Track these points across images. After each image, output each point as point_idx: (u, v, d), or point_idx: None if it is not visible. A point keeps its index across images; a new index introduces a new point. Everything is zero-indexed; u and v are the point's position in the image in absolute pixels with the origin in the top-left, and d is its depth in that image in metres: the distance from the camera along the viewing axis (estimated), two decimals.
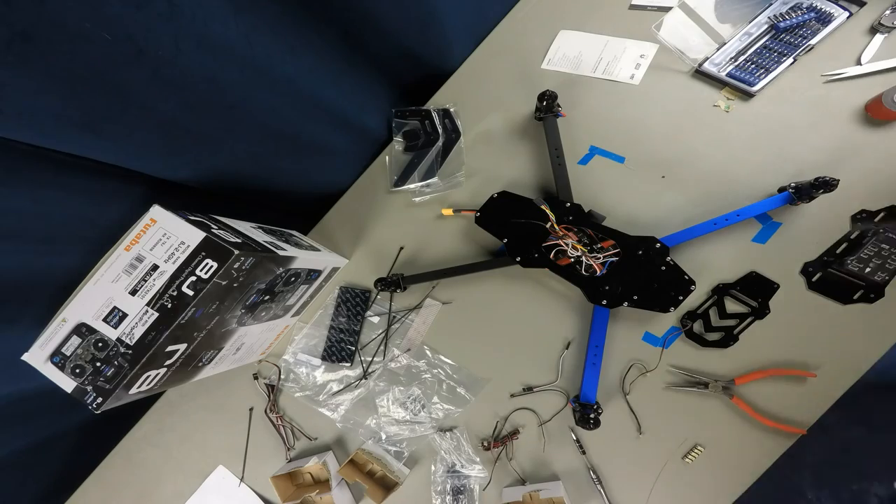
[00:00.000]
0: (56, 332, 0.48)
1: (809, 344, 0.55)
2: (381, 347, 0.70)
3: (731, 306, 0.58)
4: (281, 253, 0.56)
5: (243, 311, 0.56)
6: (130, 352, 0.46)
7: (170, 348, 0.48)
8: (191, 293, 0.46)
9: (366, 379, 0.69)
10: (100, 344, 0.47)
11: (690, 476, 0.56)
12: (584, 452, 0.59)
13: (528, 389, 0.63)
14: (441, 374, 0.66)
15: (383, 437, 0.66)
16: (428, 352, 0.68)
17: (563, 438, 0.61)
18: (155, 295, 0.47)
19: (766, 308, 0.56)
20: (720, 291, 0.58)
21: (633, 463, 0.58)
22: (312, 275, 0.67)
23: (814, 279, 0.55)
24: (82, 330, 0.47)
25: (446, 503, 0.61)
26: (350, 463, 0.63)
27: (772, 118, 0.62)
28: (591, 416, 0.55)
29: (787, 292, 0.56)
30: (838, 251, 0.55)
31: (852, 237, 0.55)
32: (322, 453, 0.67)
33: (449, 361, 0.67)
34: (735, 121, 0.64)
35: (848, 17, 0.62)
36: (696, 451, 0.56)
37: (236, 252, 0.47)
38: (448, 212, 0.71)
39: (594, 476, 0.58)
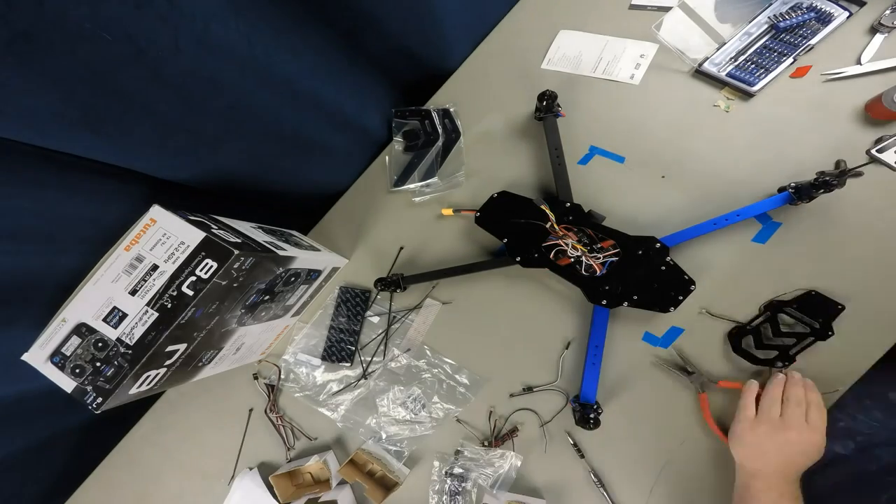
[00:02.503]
0: (56, 332, 0.48)
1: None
2: (381, 347, 0.70)
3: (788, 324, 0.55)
4: (281, 253, 0.56)
5: (243, 311, 0.56)
6: (130, 352, 0.46)
7: (170, 348, 0.48)
8: (191, 293, 0.46)
9: (365, 379, 0.69)
10: (100, 344, 0.47)
11: (691, 474, 0.56)
12: (582, 456, 0.59)
13: (528, 389, 0.63)
14: (441, 374, 0.66)
15: (383, 436, 0.66)
16: (428, 351, 0.68)
17: (564, 439, 0.61)
18: (155, 295, 0.47)
19: (829, 329, 0.53)
20: (774, 309, 0.55)
21: (633, 462, 0.58)
22: (312, 275, 0.67)
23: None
24: (82, 330, 0.47)
25: (445, 503, 0.61)
26: (350, 463, 0.63)
27: (772, 118, 0.62)
28: (591, 416, 0.55)
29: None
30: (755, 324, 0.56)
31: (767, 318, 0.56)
32: (322, 452, 0.67)
33: (449, 361, 0.67)
34: (735, 121, 0.64)
35: (848, 17, 0.62)
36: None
37: (236, 252, 0.47)
38: (448, 212, 0.71)
39: (595, 479, 0.57)
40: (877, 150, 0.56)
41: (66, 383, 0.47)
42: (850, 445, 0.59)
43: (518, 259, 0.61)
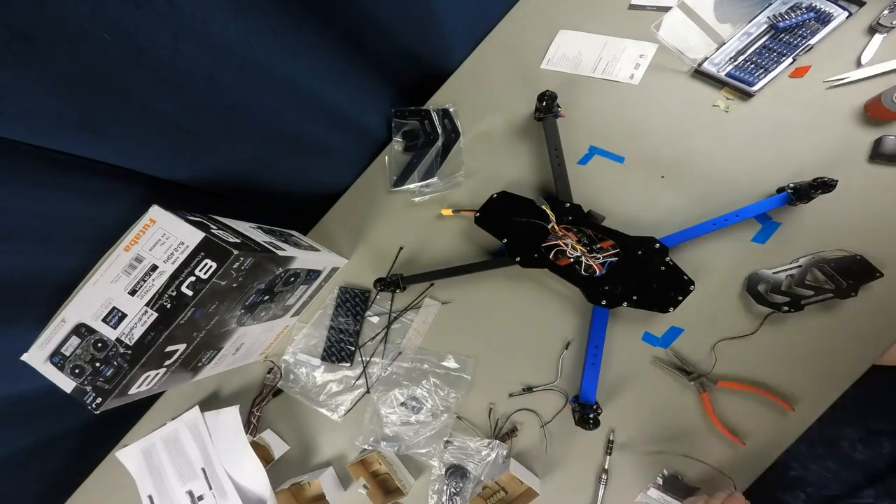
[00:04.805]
0: (55, 332, 0.48)
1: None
2: (381, 348, 0.70)
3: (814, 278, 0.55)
4: (280, 253, 0.56)
5: (243, 311, 0.56)
6: (130, 352, 0.46)
7: (169, 348, 0.48)
8: (190, 293, 0.46)
9: (365, 379, 0.69)
10: (99, 344, 0.47)
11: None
12: (610, 453, 0.58)
13: (528, 389, 0.63)
14: (440, 374, 0.66)
15: (388, 433, 0.66)
16: (427, 352, 0.68)
17: (565, 439, 0.61)
18: (154, 295, 0.47)
19: (855, 291, 0.53)
20: (811, 262, 0.55)
21: (632, 461, 0.58)
22: (312, 275, 0.68)
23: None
24: (82, 330, 0.47)
25: (443, 503, 0.61)
26: (360, 462, 0.63)
27: (771, 118, 0.63)
28: (591, 416, 0.55)
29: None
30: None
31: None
32: (261, 433, 0.68)
33: (448, 361, 0.67)
34: (734, 121, 0.64)
35: (847, 17, 0.62)
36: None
37: (235, 252, 0.47)
38: (448, 212, 0.71)
39: (605, 477, 0.57)
40: None
41: (66, 383, 0.47)
42: (800, 497, 0.59)
43: (518, 259, 0.61)
